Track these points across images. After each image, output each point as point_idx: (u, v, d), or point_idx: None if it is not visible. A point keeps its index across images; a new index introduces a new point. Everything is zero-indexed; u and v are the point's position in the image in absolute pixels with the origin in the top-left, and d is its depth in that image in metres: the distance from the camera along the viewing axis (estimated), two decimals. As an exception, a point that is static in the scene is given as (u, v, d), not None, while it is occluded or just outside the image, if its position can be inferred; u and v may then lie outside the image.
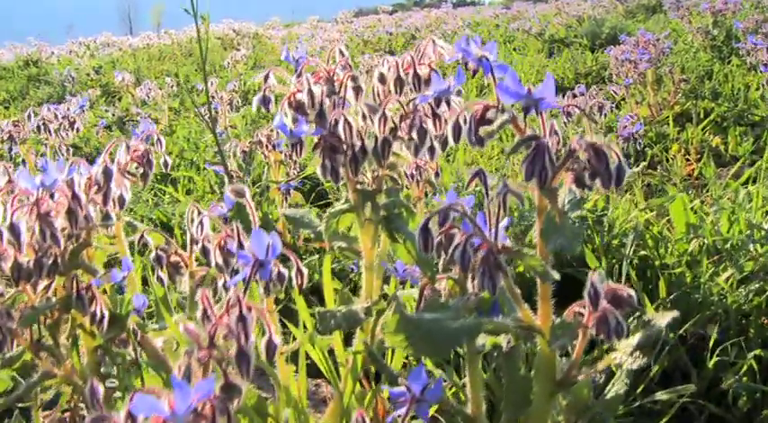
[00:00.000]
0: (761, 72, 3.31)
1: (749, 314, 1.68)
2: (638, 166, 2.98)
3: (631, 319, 0.96)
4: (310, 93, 1.15)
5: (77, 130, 2.67)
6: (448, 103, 1.10)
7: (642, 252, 2.00)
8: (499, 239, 0.90)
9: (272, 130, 2.46)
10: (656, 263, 1.90)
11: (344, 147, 1.10)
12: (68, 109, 2.86)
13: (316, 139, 1.15)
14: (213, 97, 3.02)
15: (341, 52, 1.28)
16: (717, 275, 1.76)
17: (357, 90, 1.18)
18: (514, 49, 8.26)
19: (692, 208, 2.28)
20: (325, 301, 1.31)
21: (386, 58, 1.20)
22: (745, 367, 1.48)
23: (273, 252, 0.95)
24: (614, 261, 2.01)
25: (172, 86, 5.52)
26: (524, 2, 17.93)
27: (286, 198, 2.48)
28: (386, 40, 8.82)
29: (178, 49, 10.88)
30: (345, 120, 1.10)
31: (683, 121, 4.39)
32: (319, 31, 12.37)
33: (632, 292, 0.87)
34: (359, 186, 1.14)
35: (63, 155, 2.55)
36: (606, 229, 2.14)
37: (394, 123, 1.12)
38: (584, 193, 0.94)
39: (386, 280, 1.30)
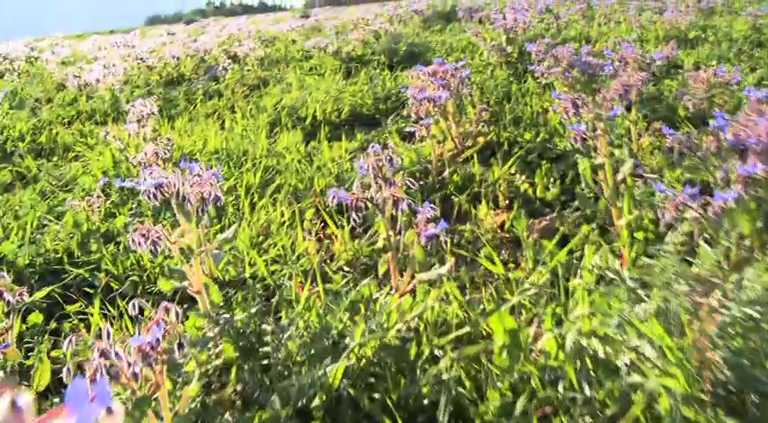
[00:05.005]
0: (556, 111, 3.09)
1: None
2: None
3: None
4: None
5: None
6: None
7: (459, 393, 1.60)
8: None
9: None
10: (477, 421, 1.50)
11: None
12: None
13: None
14: None
15: None
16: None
17: None
18: (310, 69, 7.85)
19: (509, 310, 1.93)
20: None
21: None
22: None
23: None
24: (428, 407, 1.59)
25: None
26: (326, 8, 17.63)
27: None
28: (173, 66, 8.09)
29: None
30: None
31: (488, 155, 4.15)
32: (103, 52, 11.33)
33: None
34: None
35: None
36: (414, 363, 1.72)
37: None
38: None
39: None
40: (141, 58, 8.40)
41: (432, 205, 1.91)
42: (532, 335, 1.86)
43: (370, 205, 1.92)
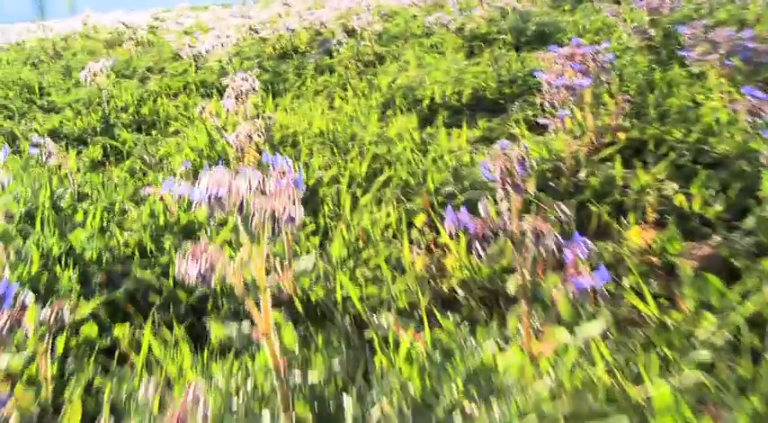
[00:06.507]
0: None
1: None
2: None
3: None
4: None
5: None
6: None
7: None
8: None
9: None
10: None
11: None
12: None
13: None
14: None
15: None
16: None
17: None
18: (430, 47, 7.32)
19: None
20: None
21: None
22: None
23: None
24: None
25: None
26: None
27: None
28: (287, 38, 7.75)
29: (50, 47, 9.47)
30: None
31: (629, 154, 3.53)
32: (219, 23, 11.17)
33: None
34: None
35: None
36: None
37: None
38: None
39: None
40: (254, 30, 8.12)
41: (585, 241, 1.39)
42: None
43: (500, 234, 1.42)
